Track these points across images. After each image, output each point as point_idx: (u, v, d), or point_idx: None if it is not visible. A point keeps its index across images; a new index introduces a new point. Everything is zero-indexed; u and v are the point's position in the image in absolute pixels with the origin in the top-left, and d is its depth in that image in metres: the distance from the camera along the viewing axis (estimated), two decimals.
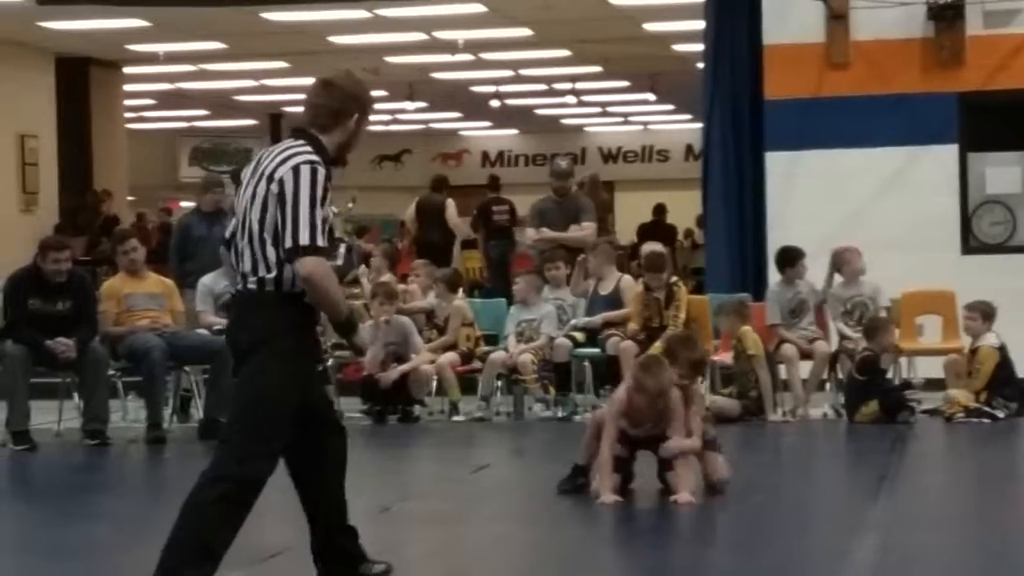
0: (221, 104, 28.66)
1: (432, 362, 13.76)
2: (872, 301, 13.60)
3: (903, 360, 13.54)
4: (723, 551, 7.97)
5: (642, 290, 13.72)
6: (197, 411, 13.23)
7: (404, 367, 13.56)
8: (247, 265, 6.29)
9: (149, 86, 27.24)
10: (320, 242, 6.15)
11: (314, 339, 6.59)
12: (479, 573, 7.26)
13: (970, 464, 11.36)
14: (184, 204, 28.27)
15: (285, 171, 6.20)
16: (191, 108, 29.17)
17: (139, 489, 11.06)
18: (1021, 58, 15.12)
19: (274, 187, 6.19)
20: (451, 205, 20.17)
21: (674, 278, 14.04)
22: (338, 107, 6.44)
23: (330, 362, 13.67)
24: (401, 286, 15.24)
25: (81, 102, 24.79)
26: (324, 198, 6.21)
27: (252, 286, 6.27)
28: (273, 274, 6.23)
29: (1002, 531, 8.09)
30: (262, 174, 6.27)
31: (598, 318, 13.85)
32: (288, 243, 6.14)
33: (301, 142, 6.34)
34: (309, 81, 6.60)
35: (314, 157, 6.26)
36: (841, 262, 13.75)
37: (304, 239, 6.12)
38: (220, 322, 13.66)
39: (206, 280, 13.62)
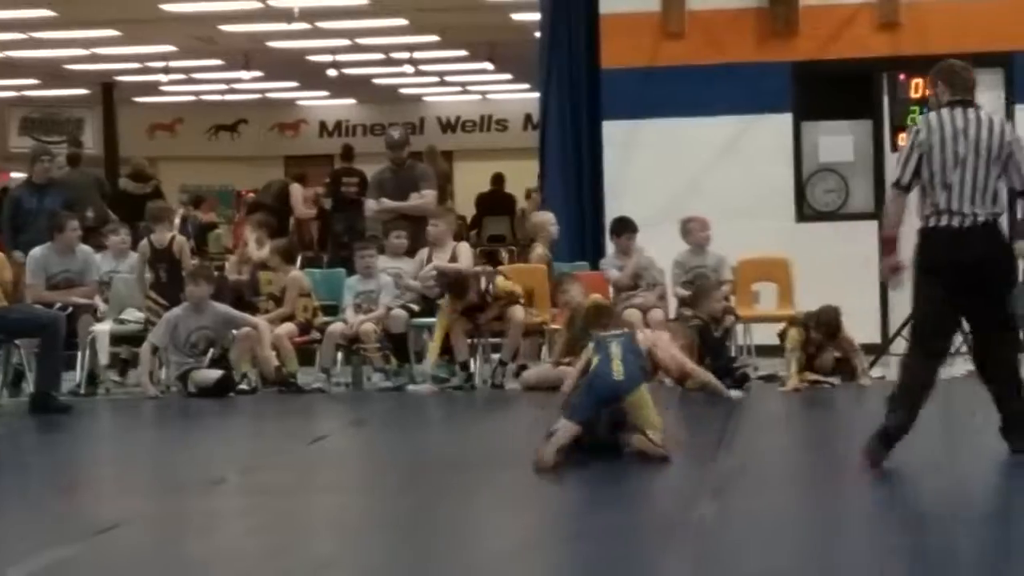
0: (52, 73, 28.10)
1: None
2: (715, 272, 13.73)
3: (740, 327, 13.67)
4: (559, 518, 7.99)
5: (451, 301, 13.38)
6: (28, 385, 12.97)
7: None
8: (984, 202, 8.34)
9: None
10: None
11: None
12: (313, 543, 7.20)
13: (805, 429, 11.52)
14: (14, 175, 27.69)
15: (1010, 131, 8.52)
16: (21, 77, 28.58)
17: None
18: (852, 28, 15.32)
19: (1007, 144, 8.44)
20: (297, 189, 20.66)
21: (484, 284, 13.39)
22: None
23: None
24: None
25: None
26: None
27: (989, 218, 8.37)
28: (1001, 208, 8.47)
29: (833, 493, 8.20)
30: (989, 134, 8.38)
31: (415, 283, 13.78)
32: None
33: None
34: (140, 50, 6.46)
35: None
36: (685, 231, 13.88)
37: None
38: (53, 298, 13.40)
39: (36, 254, 13.40)
